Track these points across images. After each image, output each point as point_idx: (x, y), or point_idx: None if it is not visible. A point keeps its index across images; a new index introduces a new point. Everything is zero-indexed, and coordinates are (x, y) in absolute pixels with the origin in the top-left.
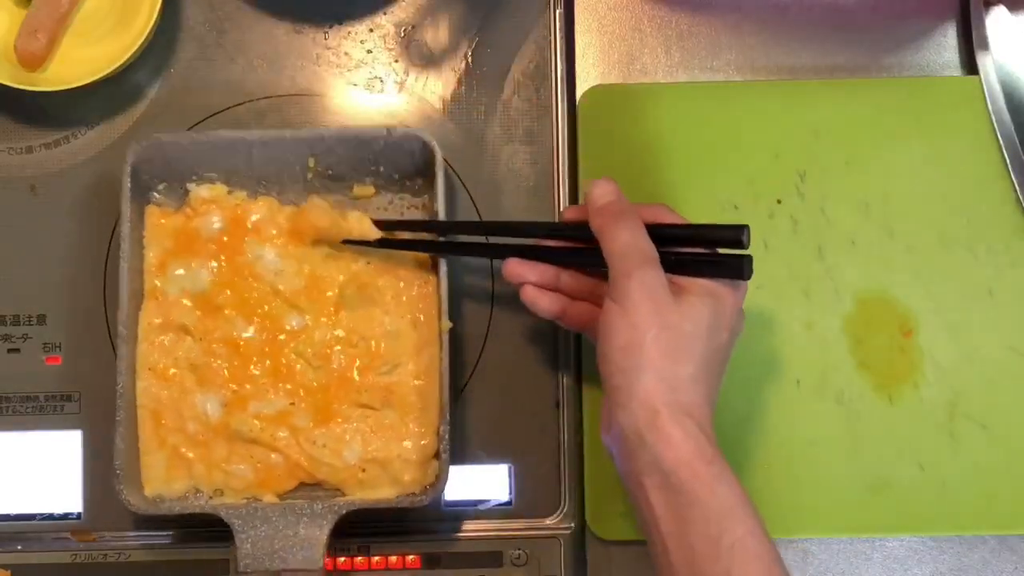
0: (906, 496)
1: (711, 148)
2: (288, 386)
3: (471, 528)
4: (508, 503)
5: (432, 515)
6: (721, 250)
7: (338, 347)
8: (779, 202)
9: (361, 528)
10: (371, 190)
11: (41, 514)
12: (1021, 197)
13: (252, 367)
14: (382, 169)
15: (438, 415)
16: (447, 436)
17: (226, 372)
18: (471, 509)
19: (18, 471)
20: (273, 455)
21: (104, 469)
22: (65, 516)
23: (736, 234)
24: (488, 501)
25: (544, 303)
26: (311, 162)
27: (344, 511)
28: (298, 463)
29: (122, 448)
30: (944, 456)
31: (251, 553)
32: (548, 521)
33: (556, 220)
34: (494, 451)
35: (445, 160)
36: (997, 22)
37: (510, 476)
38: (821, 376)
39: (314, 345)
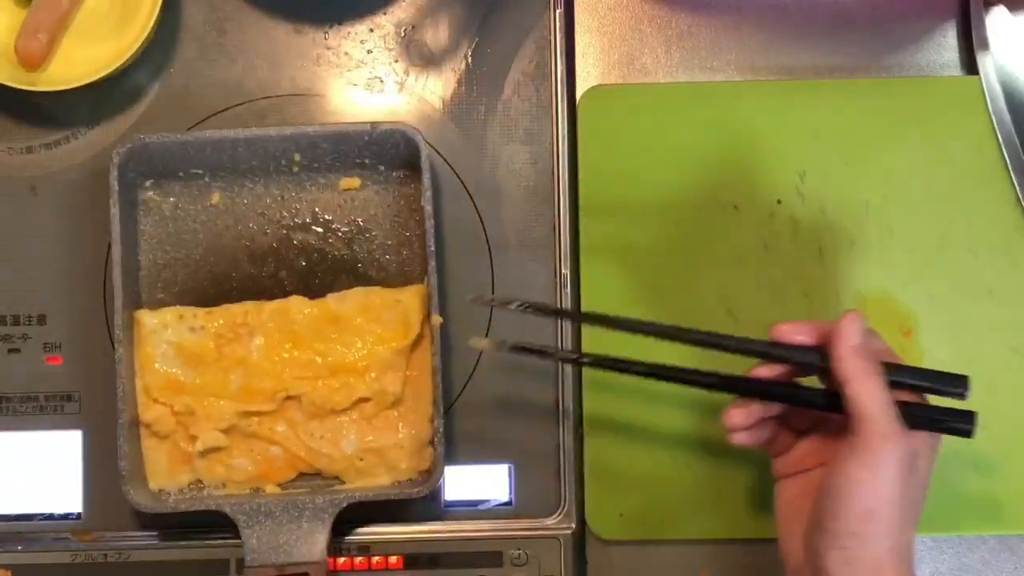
0: None
1: (711, 148)
2: (285, 389)
3: (471, 528)
4: (508, 503)
5: (432, 515)
6: (934, 398)
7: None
8: (779, 202)
9: (361, 529)
10: (357, 182)
11: (41, 514)
12: (1021, 197)
13: (250, 377)
14: (367, 162)
15: (431, 404)
16: (440, 428)
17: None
18: (471, 509)
19: (18, 471)
20: (272, 448)
21: (104, 469)
22: (65, 516)
23: (959, 386)
24: (488, 501)
25: (752, 440)
26: (296, 157)
27: (345, 503)
28: (297, 454)
29: (125, 449)
30: (944, 456)
31: (256, 548)
32: (548, 521)
33: (766, 339)
34: (494, 451)
35: (442, 156)
36: (997, 22)
37: (510, 476)
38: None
39: (306, 366)
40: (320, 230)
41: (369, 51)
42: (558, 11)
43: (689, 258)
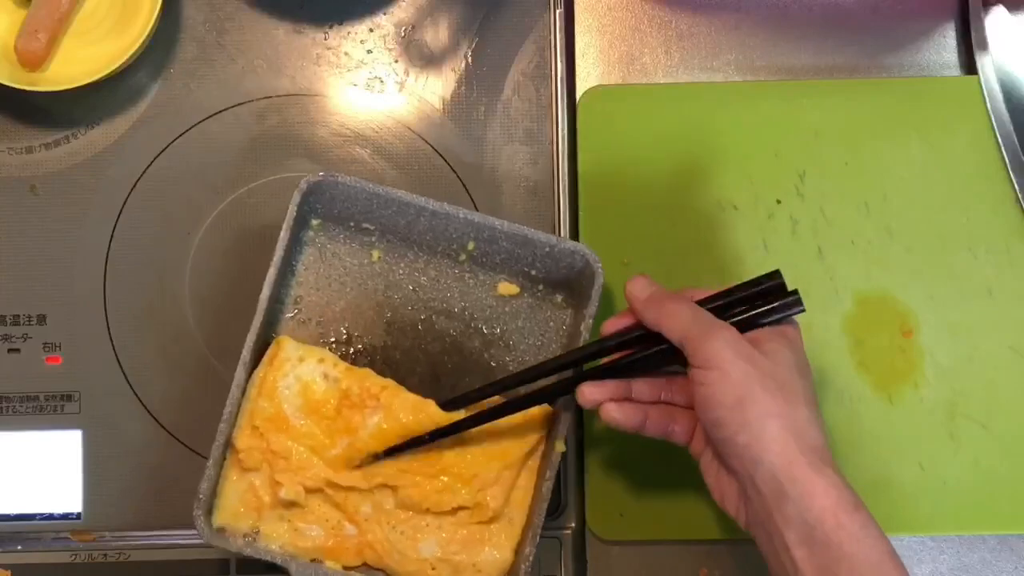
0: (906, 496)
1: (711, 148)
2: (383, 476)
3: None
4: None
5: None
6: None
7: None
8: (779, 202)
9: None
10: (516, 290)
11: (41, 514)
12: (1021, 197)
13: (354, 450)
14: (534, 272)
15: (524, 531)
16: (531, 558)
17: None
18: None
19: (18, 471)
20: (348, 526)
21: (104, 469)
22: (65, 516)
23: (774, 279)
24: None
25: (623, 416)
26: (471, 245)
27: None
28: (371, 543)
29: (213, 473)
30: (944, 456)
31: None
32: (548, 521)
33: (598, 338)
34: None
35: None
36: (996, 22)
37: None
38: (821, 376)
39: (412, 459)
40: (463, 325)
41: (369, 51)
42: (558, 11)
43: (689, 258)
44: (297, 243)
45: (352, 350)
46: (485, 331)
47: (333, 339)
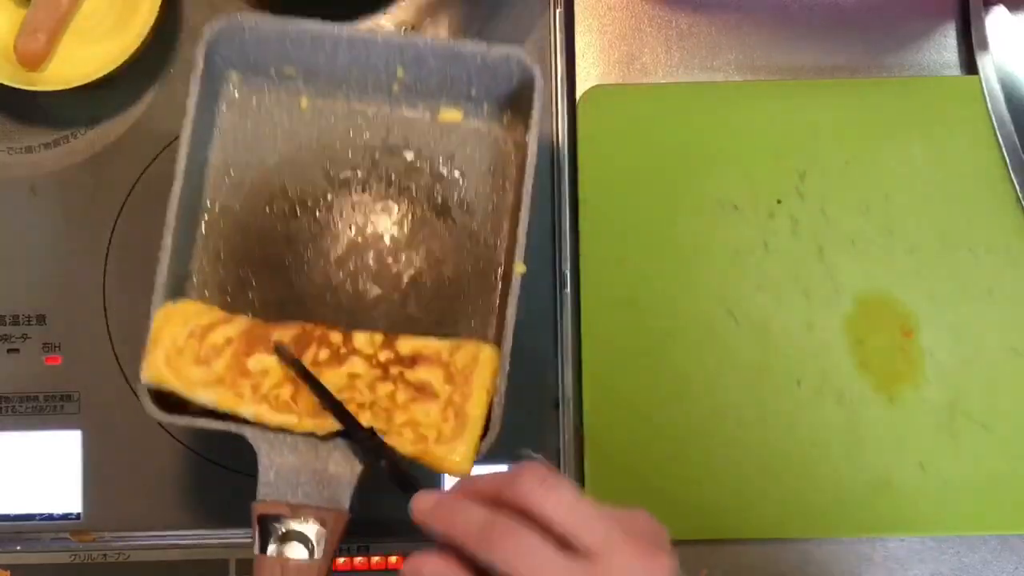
0: (906, 496)
1: (711, 148)
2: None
3: None
4: None
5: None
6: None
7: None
8: (779, 202)
9: (361, 527)
10: (459, 115)
11: (41, 514)
12: (1021, 197)
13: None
14: (474, 92)
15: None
16: (503, 388)
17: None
18: None
19: (18, 471)
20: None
21: (104, 469)
22: (65, 516)
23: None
24: None
25: None
26: (399, 71)
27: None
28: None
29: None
30: (944, 456)
31: (272, 482)
32: None
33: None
34: (494, 451)
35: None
36: (997, 22)
37: None
38: (821, 376)
39: None
40: (410, 158)
41: None
42: (558, 11)
43: (689, 258)
44: (219, 101)
45: (295, 205)
46: (433, 165)
47: (275, 197)
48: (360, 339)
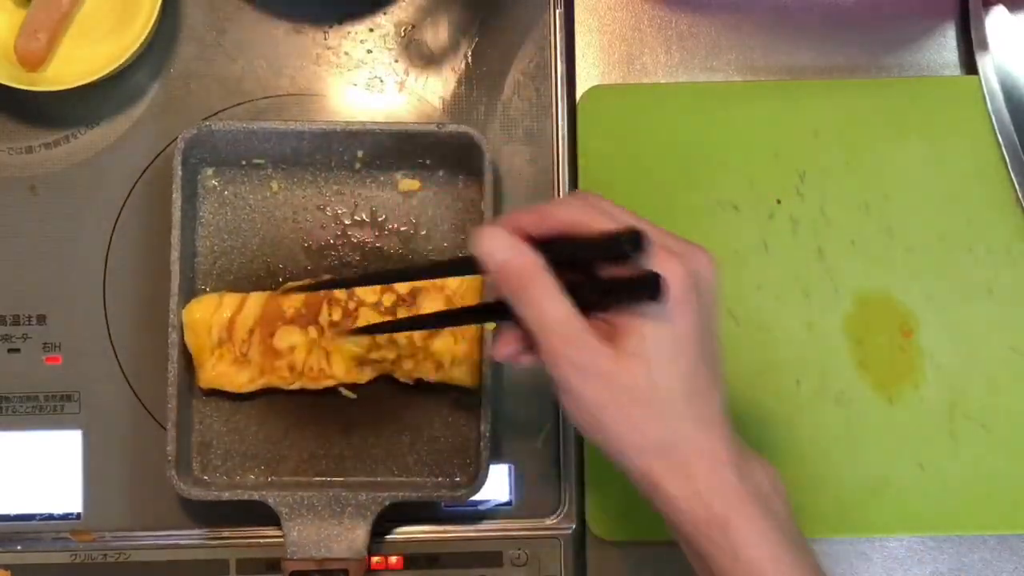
0: (906, 496)
1: (711, 148)
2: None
3: (471, 528)
4: (508, 503)
5: (432, 515)
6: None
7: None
8: (779, 202)
9: None
10: (417, 184)
11: (41, 514)
12: (1021, 197)
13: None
14: (428, 163)
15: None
16: (487, 432)
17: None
18: (471, 509)
19: (18, 471)
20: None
21: (104, 469)
22: (65, 516)
23: (634, 244)
24: (488, 501)
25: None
26: (359, 153)
27: (387, 503)
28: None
29: (174, 433)
30: (944, 456)
31: (298, 541)
32: (548, 521)
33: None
34: (494, 451)
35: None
36: (997, 22)
37: (510, 476)
38: (821, 376)
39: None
40: (378, 230)
41: (369, 51)
42: (558, 11)
43: None
44: (198, 195)
45: (281, 281)
46: (400, 229)
47: (262, 277)
48: (361, 290)
